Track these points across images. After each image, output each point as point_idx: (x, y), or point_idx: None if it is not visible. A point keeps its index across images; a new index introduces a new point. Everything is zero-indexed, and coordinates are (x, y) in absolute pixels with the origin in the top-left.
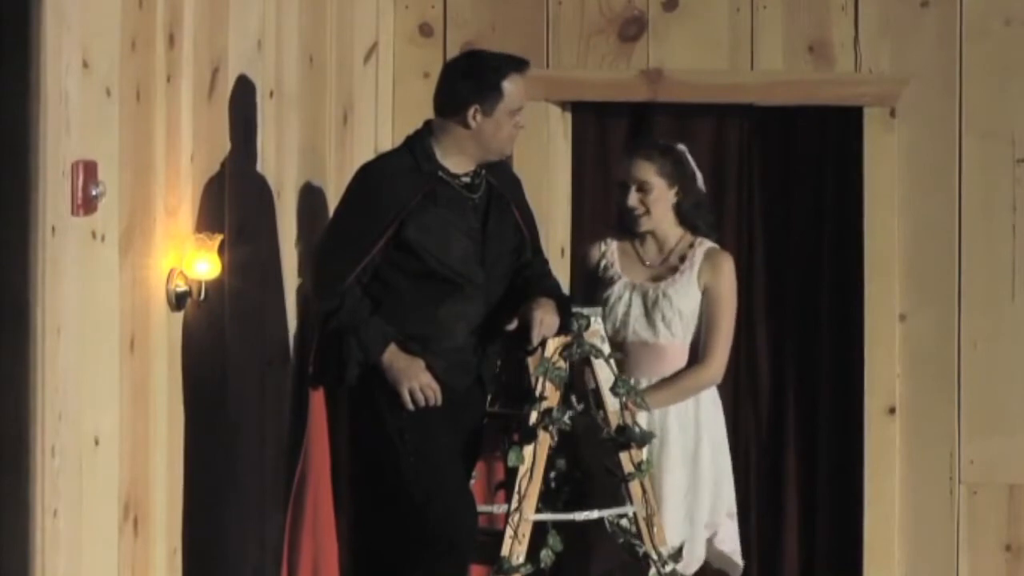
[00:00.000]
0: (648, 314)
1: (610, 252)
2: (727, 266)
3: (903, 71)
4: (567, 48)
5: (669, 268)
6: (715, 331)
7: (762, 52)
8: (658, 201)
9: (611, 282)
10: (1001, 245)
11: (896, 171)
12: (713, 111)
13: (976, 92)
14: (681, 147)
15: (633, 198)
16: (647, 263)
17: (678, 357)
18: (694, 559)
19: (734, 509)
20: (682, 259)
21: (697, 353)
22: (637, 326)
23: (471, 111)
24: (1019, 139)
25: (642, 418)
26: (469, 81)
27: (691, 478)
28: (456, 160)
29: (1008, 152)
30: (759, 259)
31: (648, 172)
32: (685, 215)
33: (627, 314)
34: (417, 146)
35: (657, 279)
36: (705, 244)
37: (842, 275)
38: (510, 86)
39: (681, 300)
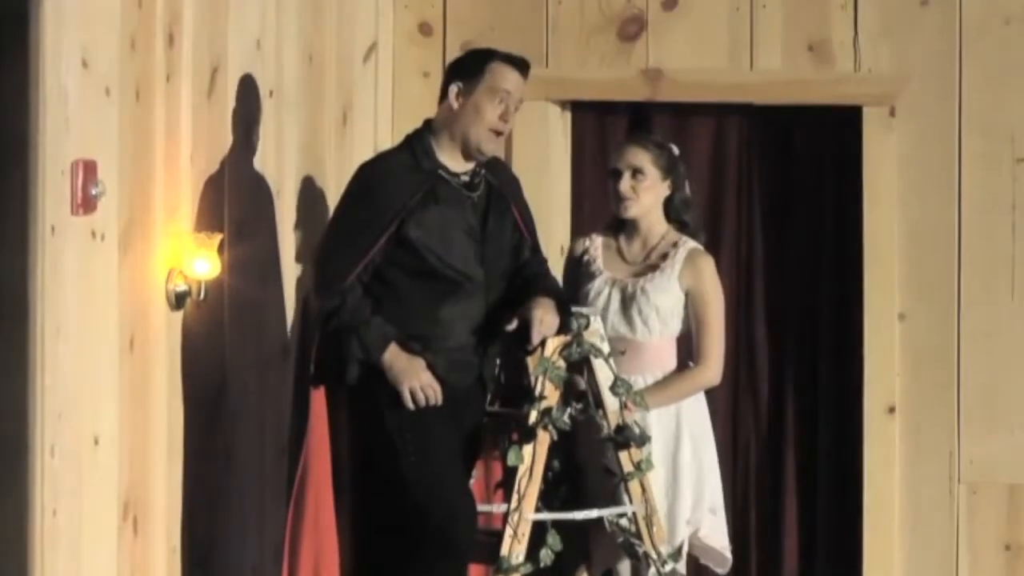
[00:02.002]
0: (625, 309)
1: (593, 247)
2: (708, 267)
3: (903, 70)
4: (566, 47)
5: (650, 265)
6: (706, 333)
7: (761, 51)
8: (650, 190)
9: (592, 277)
10: (1001, 244)
11: (896, 170)
12: (713, 110)
13: (976, 91)
14: (676, 149)
15: (625, 184)
16: (629, 260)
17: (662, 355)
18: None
19: (719, 504)
20: (664, 257)
21: (685, 352)
22: (615, 321)
23: (454, 91)
24: (1019, 138)
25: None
26: (456, 64)
27: (671, 475)
28: (453, 157)
29: (1008, 151)
30: (759, 259)
31: (643, 159)
32: (675, 210)
33: (606, 309)
34: (417, 144)
35: (637, 275)
36: (688, 244)
37: (842, 275)
38: (493, 69)
39: (659, 297)
